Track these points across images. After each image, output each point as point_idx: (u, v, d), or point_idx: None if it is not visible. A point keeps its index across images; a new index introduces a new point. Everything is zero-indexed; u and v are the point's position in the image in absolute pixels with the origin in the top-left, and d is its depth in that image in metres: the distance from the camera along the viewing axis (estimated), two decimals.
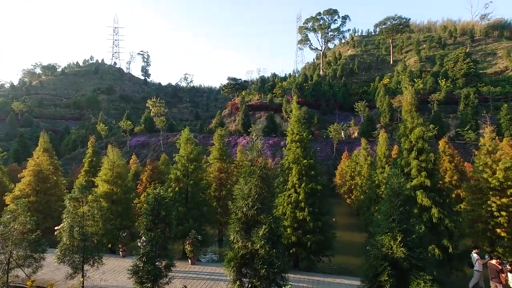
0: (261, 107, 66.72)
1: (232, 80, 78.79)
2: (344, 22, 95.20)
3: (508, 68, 74.21)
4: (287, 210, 13.75)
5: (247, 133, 54.57)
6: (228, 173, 22.13)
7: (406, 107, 14.00)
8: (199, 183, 16.44)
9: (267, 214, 9.22)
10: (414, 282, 7.53)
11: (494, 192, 14.96)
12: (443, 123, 49.79)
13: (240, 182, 9.71)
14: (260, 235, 8.71)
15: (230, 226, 9.46)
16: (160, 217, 10.37)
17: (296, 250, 13.69)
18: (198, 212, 15.71)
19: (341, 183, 34.48)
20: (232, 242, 9.22)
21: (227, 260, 8.96)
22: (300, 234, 13.35)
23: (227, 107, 72.47)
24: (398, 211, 8.37)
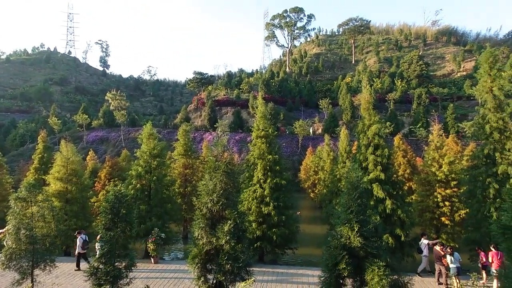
0: (227, 103, 66.31)
1: (198, 75, 77.16)
2: (309, 21, 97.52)
3: (454, 71, 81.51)
4: (252, 205, 13.90)
5: (214, 128, 53.99)
6: (194, 169, 21.76)
7: (364, 105, 14.77)
8: (162, 179, 15.96)
9: (232, 210, 9.23)
10: (369, 269, 8.02)
11: (440, 184, 16.41)
12: (398, 120, 53.34)
13: (205, 177, 9.60)
14: (225, 231, 8.70)
15: (194, 223, 9.32)
16: (120, 215, 9.90)
17: (261, 244, 13.92)
18: (162, 209, 15.28)
19: (305, 178, 35.58)
20: (197, 239, 9.12)
21: (191, 256, 8.85)
22: (265, 228, 13.59)
23: (193, 102, 70.99)
24: (356, 203, 8.83)
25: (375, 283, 7.77)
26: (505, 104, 13.46)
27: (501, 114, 13.11)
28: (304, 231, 21.09)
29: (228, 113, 63.98)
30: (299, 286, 11.68)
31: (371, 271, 7.98)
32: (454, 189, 15.99)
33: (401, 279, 8.44)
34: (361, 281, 8.52)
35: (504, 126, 13.13)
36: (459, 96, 65.44)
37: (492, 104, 13.19)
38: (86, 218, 16.82)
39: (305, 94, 72.79)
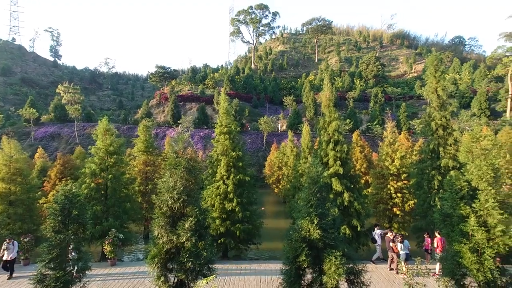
0: (192, 98, 64.81)
1: (161, 69, 74.21)
2: (274, 18, 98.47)
3: (407, 72, 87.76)
4: (215, 202, 13.78)
5: (177, 124, 52.46)
6: (155, 166, 20.98)
7: (325, 102, 15.30)
8: (120, 177, 15.16)
9: (194, 206, 9.07)
10: (327, 259, 8.38)
11: (392, 177, 17.64)
12: (357, 118, 56.21)
13: (165, 174, 9.30)
14: (186, 228, 8.53)
15: (154, 221, 9.00)
16: (71, 217, 9.25)
17: (225, 240, 13.88)
18: (120, 209, 14.53)
19: (270, 173, 36.11)
20: (156, 238, 8.82)
21: (151, 256, 8.55)
22: (229, 224, 13.57)
23: (155, 96, 68.26)
24: (316, 197, 9.14)
25: (332, 272, 8.14)
26: (448, 104, 14.79)
27: (444, 112, 14.39)
28: (268, 226, 21.45)
29: (193, 109, 62.59)
30: (262, 279, 11.87)
31: (329, 261, 8.35)
32: (405, 182, 17.29)
33: (356, 267, 8.93)
34: (319, 271, 8.87)
35: (447, 123, 14.44)
36: (410, 96, 70.64)
37: (437, 103, 14.43)
38: (33, 221, 15.46)
39: (270, 91, 73.62)
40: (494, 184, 8.15)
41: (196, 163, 10.19)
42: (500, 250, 7.75)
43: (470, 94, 63.74)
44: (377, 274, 12.21)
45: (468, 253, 7.97)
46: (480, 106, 58.05)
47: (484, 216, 7.97)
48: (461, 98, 63.33)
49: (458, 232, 8.37)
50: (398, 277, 11.82)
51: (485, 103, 58.10)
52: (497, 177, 8.44)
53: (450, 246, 8.78)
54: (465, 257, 7.99)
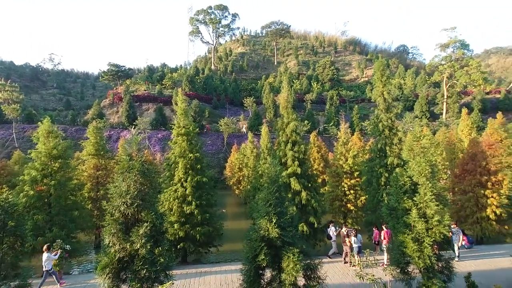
0: (149, 99, 62.14)
1: (114, 67, 69.97)
2: (234, 20, 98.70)
3: (359, 77, 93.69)
4: (173, 205, 13.34)
5: (133, 126, 49.85)
6: (107, 170, 19.70)
7: (283, 104, 15.69)
8: (66, 183, 13.94)
9: (150, 211, 8.68)
10: (285, 257, 8.58)
11: (346, 175, 18.65)
12: (314, 119, 58.56)
13: (117, 179, 8.78)
14: (140, 234, 8.14)
15: (104, 229, 8.45)
16: (7, 229, 8.31)
17: (184, 245, 13.51)
18: (66, 218, 13.36)
19: (231, 175, 35.98)
20: (108, 246, 8.29)
21: (101, 267, 7.99)
22: (188, 228, 13.23)
23: (108, 96, 64.14)
24: (274, 197, 9.31)
25: (291, 269, 8.36)
26: (393, 106, 16.07)
27: (390, 114, 15.61)
28: (229, 228, 21.34)
29: (150, 110, 60.03)
30: (223, 281, 11.77)
31: (287, 259, 8.56)
32: (357, 179, 18.40)
33: (313, 262, 9.27)
34: (278, 268, 9.05)
35: (392, 124, 15.68)
36: (362, 99, 75.49)
37: (383, 106, 15.61)
38: None
39: (230, 92, 73.47)
40: (432, 178, 9.04)
41: (153, 165, 9.81)
42: (437, 238, 8.61)
43: (413, 98, 70.08)
44: (333, 268, 12.80)
45: (410, 242, 8.72)
46: (421, 108, 64.14)
47: (423, 208, 8.80)
48: (406, 101, 69.31)
49: (402, 224, 9.12)
50: (351, 269, 12.51)
51: (425, 106, 64.34)
52: (434, 173, 9.38)
53: (395, 237, 9.53)
54: (408, 246, 8.73)
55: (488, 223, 16.26)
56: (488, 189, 16.27)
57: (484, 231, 16.41)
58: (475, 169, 16.94)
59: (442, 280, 8.73)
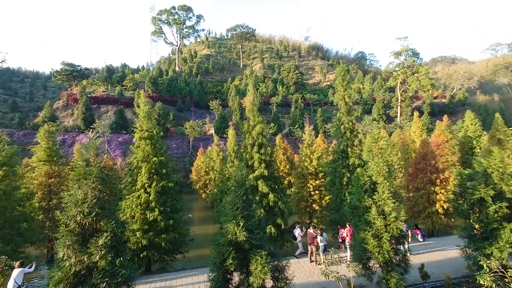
0: (108, 100, 58.91)
1: (69, 66, 65.28)
2: (198, 21, 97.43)
3: (322, 81, 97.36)
4: (136, 212, 12.71)
5: (90, 129, 46.84)
6: (61, 177, 18.24)
7: (249, 107, 15.77)
8: (12, 193, 12.65)
9: (109, 220, 8.18)
10: (253, 260, 8.58)
11: (311, 176, 19.17)
12: (280, 122, 59.67)
13: (73, 186, 8.17)
14: (99, 245, 7.63)
15: (58, 241, 7.79)
16: None
17: (148, 253, 12.92)
18: (12, 230, 12.11)
19: (197, 178, 35.28)
20: (62, 260, 7.65)
21: (54, 282, 7.34)
22: (152, 235, 12.68)
23: (62, 97, 59.65)
24: (242, 200, 9.27)
25: (259, 272, 8.37)
26: (353, 110, 16.93)
27: (351, 117, 16.42)
28: (196, 233, 20.88)
29: (109, 112, 56.91)
30: None
31: (255, 261, 8.56)
32: (322, 180, 19.00)
33: (280, 264, 9.38)
34: (246, 272, 9.01)
35: (353, 127, 16.49)
36: (325, 102, 78.52)
37: (345, 109, 16.37)
38: None
39: (195, 94, 72.26)
40: (389, 178, 9.64)
41: (113, 171, 9.30)
42: (394, 233, 9.18)
43: (371, 101, 74.47)
44: (300, 267, 13.07)
45: (371, 239, 9.19)
46: (378, 112, 68.38)
47: (382, 205, 9.33)
48: (364, 105, 73.42)
49: (363, 221, 9.59)
50: (317, 268, 12.86)
51: (382, 110, 68.72)
52: (391, 172, 10.01)
53: (357, 234, 9.99)
54: (369, 242, 9.20)
55: (437, 217, 17.72)
56: (437, 186, 17.76)
57: (435, 224, 17.86)
58: (426, 167, 18.39)
59: (400, 272, 9.31)
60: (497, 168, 10.46)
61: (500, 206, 10.00)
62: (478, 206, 10.61)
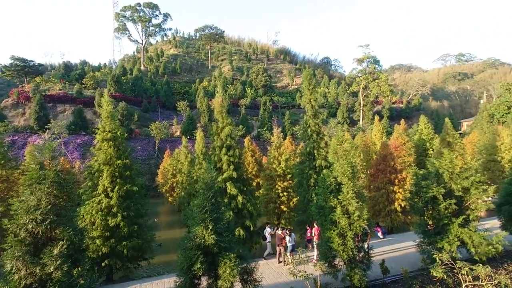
0: (65, 99, 55.04)
1: (20, 61, 60.01)
2: (165, 20, 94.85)
3: (289, 84, 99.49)
4: (96, 219, 11.97)
5: (44, 130, 43.33)
6: (10, 182, 16.61)
7: (218, 109, 15.64)
8: None
9: (66, 227, 7.62)
10: (222, 263, 8.49)
11: (279, 178, 19.45)
12: (248, 124, 59.85)
13: (24, 192, 7.51)
14: (54, 255, 7.06)
15: (5, 253, 7.08)
16: None
17: (109, 261, 12.22)
18: None
19: (163, 181, 34.18)
20: (10, 273, 6.96)
21: None
22: (114, 242, 12.01)
23: (11, 95, 54.58)
24: (210, 203, 9.16)
25: (227, 275, 8.30)
26: (319, 113, 17.49)
27: (317, 120, 16.95)
28: (162, 238, 20.23)
29: (67, 112, 53.21)
30: None
31: (224, 265, 8.47)
32: (289, 181, 19.36)
33: (249, 266, 9.38)
34: (215, 276, 8.89)
35: (319, 129, 17.03)
36: (293, 105, 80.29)
37: (311, 112, 16.87)
38: None
39: (162, 95, 70.15)
40: (353, 178, 10.07)
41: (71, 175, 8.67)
42: (357, 231, 9.61)
43: (336, 105, 77.61)
44: (268, 269, 13.17)
45: (336, 237, 9.54)
46: (343, 115, 71.43)
47: (346, 205, 9.73)
48: (330, 108, 76.29)
49: (329, 221, 9.92)
50: (285, 268, 13.05)
51: (346, 113, 71.89)
52: (354, 173, 10.47)
53: (323, 234, 10.31)
54: (334, 241, 9.53)
55: (396, 215, 18.90)
56: (395, 186, 18.94)
57: (394, 222, 19.02)
58: (386, 168, 19.54)
59: (362, 269, 9.76)
60: (447, 169, 11.40)
61: (449, 203, 10.90)
62: (431, 204, 11.48)
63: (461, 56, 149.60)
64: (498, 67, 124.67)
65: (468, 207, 11.16)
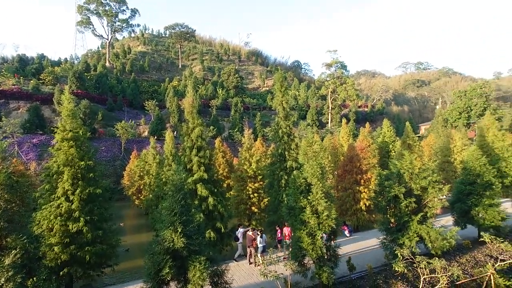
0: (19, 95, 50.84)
1: None
2: (133, 15, 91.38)
3: (261, 86, 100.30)
4: (55, 224, 11.13)
5: None
6: None
7: (188, 109, 15.32)
8: None
9: (19, 235, 7.03)
10: (191, 266, 8.30)
11: (250, 179, 19.49)
12: (220, 125, 59.41)
13: None
14: (6, 265, 6.47)
15: None
16: None
17: (70, 269, 11.41)
18: None
19: (129, 184, 32.77)
20: None
21: None
22: (74, 249, 11.25)
23: None
24: (180, 205, 8.92)
25: (197, 278, 8.13)
26: (290, 115, 17.80)
27: (288, 122, 17.22)
28: (128, 243, 19.36)
29: (21, 109, 49.16)
30: None
31: (193, 268, 8.29)
32: (260, 183, 19.47)
33: (219, 268, 9.28)
34: (184, 280, 8.68)
35: (290, 131, 17.32)
36: (264, 107, 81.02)
37: (282, 114, 17.11)
38: None
39: (129, 93, 67.35)
40: (322, 179, 10.36)
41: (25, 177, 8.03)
42: (326, 230, 9.90)
43: (306, 108, 79.60)
44: (239, 270, 13.12)
45: (306, 237, 9.75)
46: (312, 118, 73.42)
47: (316, 205, 9.98)
48: (300, 111, 78.08)
49: (299, 221, 10.11)
50: (256, 269, 13.09)
51: (315, 116, 74.02)
52: (323, 174, 10.79)
53: (294, 234, 10.49)
54: (304, 240, 9.73)
55: (361, 213, 19.77)
56: (361, 186, 19.82)
57: (359, 220, 19.88)
58: (352, 169, 20.37)
59: (330, 266, 10.07)
60: (408, 169, 12.16)
61: (410, 201, 11.62)
62: (393, 202, 12.16)
63: (420, 64, 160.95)
64: (451, 76, 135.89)
65: (426, 205, 11.97)
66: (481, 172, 14.78)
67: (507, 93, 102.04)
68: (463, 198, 15.02)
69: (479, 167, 14.86)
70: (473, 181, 14.90)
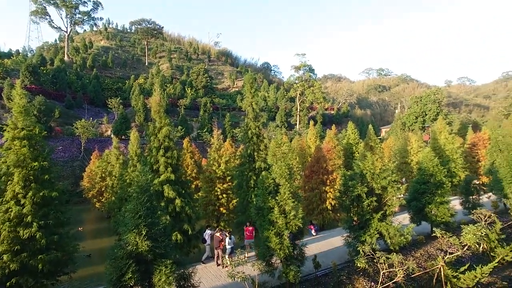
0: None
1: None
2: (96, 8, 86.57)
3: (230, 87, 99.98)
4: (3, 230, 10.17)
5: None
6: None
7: (155, 108, 14.84)
8: None
9: None
10: (157, 270, 8.04)
11: (219, 180, 19.35)
12: (188, 125, 58.23)
13: None
14: None
15: None
16: None
17: (19, 279, 10.48)
18: None
19: (90, 186, 30.91)
20: None
21: None
22: (26, 257, 10.35)
23: None
24: (145, 207, 8.61)
25: (162, 283, 7.89)
26: (260, 116, 17.96)
27: (258, 123, 17.36)
28: (88, 248, 18.26)
29: None
30: None
31: (159, 272, 8.04)
32: (229, 183, 19.39)
33: (186, 271, 9.08)
34: (149, 285, 8.37)
35: (259, 132, 17.47)
36: (233, 107, 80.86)
37: (252, 115, 17.21)
38: None
39: (90, 90, 63.62)
40: (289, 179, 10.58)
41: None
42: (293, 230, 10.12)
43: (275, 109, 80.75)
44: (207, 273, 12.94)
45: (273, 237, 9.88)
46: (281, 119, 74.67)
47: (283, 205, 10.17)
48: (269, 112, 79.01)
49: (267, 221, 10.23)
50: (224, 270, 13.00)
51: (284, 117, 75.36)
52: (291, 174, 11.02)
53: (262, 234, 10.58)
54: (272, 240, 9.86)
55: (327, 213, 20.48)
56: (327, 186, 20.53)
57: (325, 219, 20.57)
58: (319, 170, 21.04)
59: (297, 265, 10.30)
60: (370, 170, 12.82)
61: (371, 200, 12.27)
62: (356, 202, 12.76)
63: (381, 70, 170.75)
64: (409, 83, 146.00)
65: (386, 203, 12.72)
66: (434, 172, 16.01)
67: (456, 99, 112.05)
68: (418, 197, 16.16)
69: (432, 168, 16.08)
70: (427, 180, 16.08)
